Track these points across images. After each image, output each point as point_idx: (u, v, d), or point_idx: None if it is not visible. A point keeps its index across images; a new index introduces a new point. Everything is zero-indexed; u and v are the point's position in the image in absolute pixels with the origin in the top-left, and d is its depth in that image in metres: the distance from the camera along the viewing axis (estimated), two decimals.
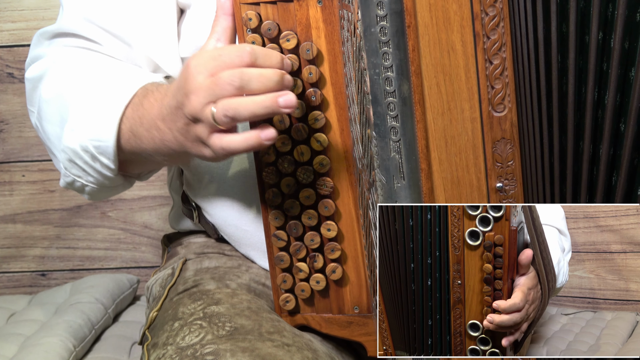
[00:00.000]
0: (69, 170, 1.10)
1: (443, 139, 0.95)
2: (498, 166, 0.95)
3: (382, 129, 0.95)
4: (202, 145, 0.96)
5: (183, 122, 0.96)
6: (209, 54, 0.94)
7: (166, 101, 0.99)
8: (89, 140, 1.05)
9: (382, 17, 0.92)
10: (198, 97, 0.92)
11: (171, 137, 0.99)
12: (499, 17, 0.91)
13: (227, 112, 0.91)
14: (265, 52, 0.93)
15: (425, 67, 0.93)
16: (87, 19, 1.12)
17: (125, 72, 1.10)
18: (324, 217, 1.06)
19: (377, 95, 0.94)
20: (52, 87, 1.10)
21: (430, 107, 0.94)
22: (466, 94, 0.93)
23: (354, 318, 1.10)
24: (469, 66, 0.92)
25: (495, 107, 0.93)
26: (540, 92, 0.94)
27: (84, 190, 1.13)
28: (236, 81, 0.90)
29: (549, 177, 0.97)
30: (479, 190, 0.96)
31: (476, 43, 0.92)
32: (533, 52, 0.93)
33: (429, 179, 0.96)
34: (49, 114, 1.10)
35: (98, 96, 1.06)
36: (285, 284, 1.09)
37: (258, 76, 0.91)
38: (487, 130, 0.94)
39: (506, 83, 0.92)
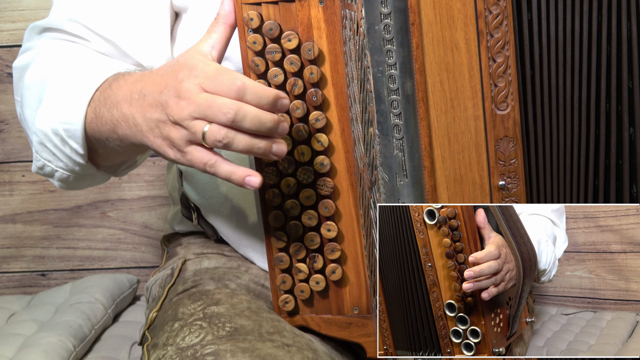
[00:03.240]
0: (39, 154, 1.10)
1: (446, 137, 0.95)
2: (501, 164, 0.95)
3: (385, 126, 0.95)
4: (169, 145, 0.96)
5: (158, 117, 0.95)
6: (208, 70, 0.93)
7: (139, 86, 0.98)
8: (59, 122, 1.05)
9: (385, 15, 0.92)
10: (189, 107, 0.92)
11: (132, 123, 0.98)
12: (502, 15, 0.91)
13: (222, 139, 0.92)
14: (255, 90, 0.92)
15: (428, 65, 0.93)
16: (71, 19, 1.13)
17: (103, 61, 1.10)
18: (324, 217, 1.06)
19: (381, 93, 0.94)
20: (34, 74, 1.11)
21: (433, 105, 0.94)
22: (469, 92, 0.93)
23: (354, 319, 1.09)
24: (472, 64, 0.93)
25: (498, 105, 0.93)
26: (543, 90, 0.95)
27: (53, 176, 1.12)
28: (230, 114, 0.91)
29: (552, 175, 0.97)
30: (481, 188, 0.96)
31: (480, 41, 0.92)
32: (537, 50, 0.93)
33: (431, 176, 0.96)
34: (29, 100, 1.10)
35: (71, 80, 1.06)
36: (284, 284, 1.09)
37: (253, 117, 0.92)
38: (490, 128, 0.94)
39: (509, 81, 0.93)
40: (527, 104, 0.94)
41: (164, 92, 0.95)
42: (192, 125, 0.93)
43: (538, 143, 0.96)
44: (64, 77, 1.07)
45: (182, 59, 0.96)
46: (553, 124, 0.96)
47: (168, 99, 0.94)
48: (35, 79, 1.10)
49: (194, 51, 0.97)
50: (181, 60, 0.96)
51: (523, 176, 0.95)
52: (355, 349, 1.18)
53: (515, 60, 0.92)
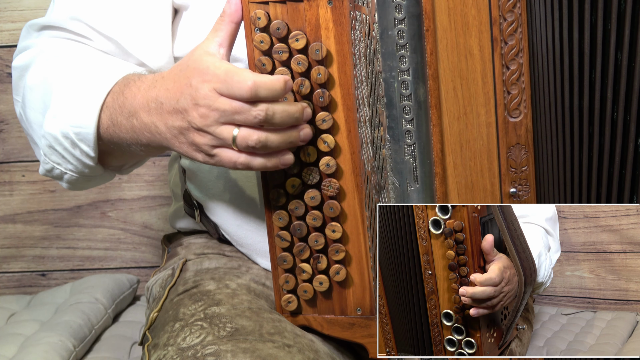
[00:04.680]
0: (48, 157, 1.09)
1: (458, 144, 0.95)
2: (512, 171, 0.95)
3: (397, 132, 0.95)
4: (196, 150, 0.98)
5: (180, 125, 0.97)
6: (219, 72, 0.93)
7: (154, 94, 0.98)
8: (70, 126, 1.05)
9: (400, 20, 0.91)
10: (212, 114, 0.93)
11: (154, 130, 1.00)
12: (517, 22, 0.91)
13: (256, 143, 0.94)
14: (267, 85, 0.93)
15: (442, 71, 0.93)
16: (74, 17, 1.11)
17: (108, 62, 1.09)
18: (329, 218, 1.05)
19: (393, 98, 0.94)
20: (37, 74, 1.10)
21: (446, 111, 0.94)
22: (482, 99, 0.93)
23: (357, 320, 1.10)
24: (485, 71, 0.92)
25: (511, 113, 0.93)
26: (556, 98, 0.95)
27: (62, 178, 1.12)
28: (261, 115, 0.93)
29: (563, 184, 0.97)
30: (492, 195, 0.96)
31: (494, 48, 0.92)
32: (551, 58, 0.93)
33: (443, 183, 0.96)
34: (33, 101, 1.10)
35: (80, 83, 1.05)
36: (287, 284, 1.09)
37: (281, 112, 0.94)
38: (502, 136, 0.94)
39: (522, 89, 0.92)
40: (536, 112, 0.94)
41: (180, 100, 0.95)
42: (220, 132, 0.94)
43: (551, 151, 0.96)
44: (72, 79, 1.06)
45: (191, 62, 0.95)
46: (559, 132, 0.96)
47: (187, 107, 0.95)
48: (38, 81, 1.09)
49: (202, 51, 0.96)
50: (191, 64, 0.95)
51: (534, 184, 0.95)
52: (357, 349, 1.18)
53: (528, 67, 0.92)
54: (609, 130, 0.95)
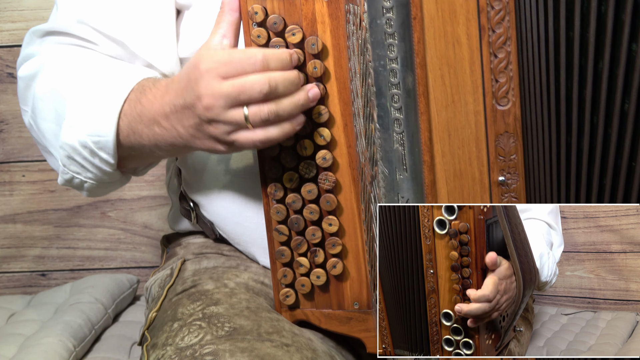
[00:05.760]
0: (67, 167, 1.10)
1: (446, 132, 0.95)
2: (501, 160, 0.95)
3: (386, 120, 0.95)
4: (216, 142, 0.99)
5: (194, 122, 0.98)
6: (219, 57, 0.95)
7: (168, 99, 1.00)
8: (88, 136, 1.06)
9: (388, 9, 0.93)
10: (217, 102, 0.95)
11: (175, 134, 1.01)
12: (504, 10, 0.91)
13: (268, 116, 0.95)
14: (276, 56, 0.96)
15: (430, 60, 0.93)
16: (80, 21, 1.13)
17: (120, 68, 1.11)
18: (325, 211, 1.06)
19: (382, 87, 0.95)
20: (46, 84, 1.10)
21: (434, 100, 0.94)
22: (470, 87, 0.94)
23: (354, 314, 1.10)
24: (473, 59, 0.93)
25: (499, 101, 0.94)
26: (548, 87, 0.95)
27: (82, 187, 1.13)
28: (265, 87, 0.94)
29: (551, 172, 0.97)
30: (481, 183, 0.96)
31: (481, 36, 0.92)
32: (538, 46, 0.93)
33: (431, 171, 0.96)
34: (44, 112, 1.11)
35: (95, 92, 1.06)
36: (285, 278, 1.09)
37: (283, 80, 0.96)
38: (491, 124, 0.94)
39: (510, 77, 0.93)
40: (526, 100, 0.94)
41: (186, 97, 0.97)
42: (231, 117, 0.96)
43: (539, 139, 0.96)
44: (85, 87, 1.07)
45: (194, 59, 0.98)
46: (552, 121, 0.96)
47: (192, 102, 0.97)
48: (48, 90, 1.10)
49: (204, 47, 0.99)
50: (194, 61, 0.97)
51: (523, 172, 0.95)
52: (355, 347, 1.17)
53: (516, 56, 0.92)
54: (617, 121, 0.95)
